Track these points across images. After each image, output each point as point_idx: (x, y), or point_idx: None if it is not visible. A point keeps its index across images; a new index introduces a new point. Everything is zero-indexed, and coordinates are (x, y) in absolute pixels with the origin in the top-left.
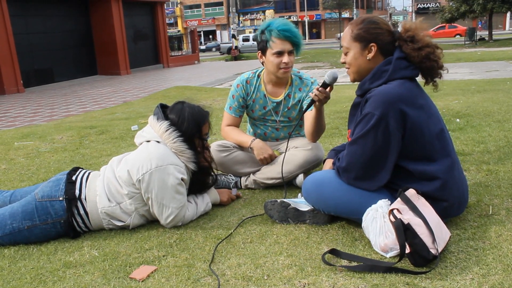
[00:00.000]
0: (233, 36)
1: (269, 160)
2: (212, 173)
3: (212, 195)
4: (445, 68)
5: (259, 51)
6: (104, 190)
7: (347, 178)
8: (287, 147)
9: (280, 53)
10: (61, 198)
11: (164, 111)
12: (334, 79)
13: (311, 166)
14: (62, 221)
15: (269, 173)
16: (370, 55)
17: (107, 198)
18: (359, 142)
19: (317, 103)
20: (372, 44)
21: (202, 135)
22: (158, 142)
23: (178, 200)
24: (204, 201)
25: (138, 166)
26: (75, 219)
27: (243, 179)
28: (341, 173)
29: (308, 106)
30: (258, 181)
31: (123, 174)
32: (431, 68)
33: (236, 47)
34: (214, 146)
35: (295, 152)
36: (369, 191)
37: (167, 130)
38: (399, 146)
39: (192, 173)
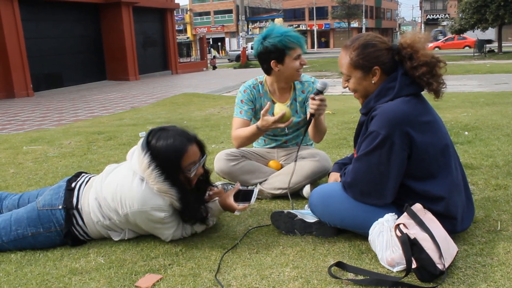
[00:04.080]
0: (212, 47)
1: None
2: (202, 208)
3: (215, 211)
4: (443, 85)
5: (274, 61)
6: (96, 204)
7: (353, 194)
8: (296, 156)
9: (299, 56)
10: (60, 207)
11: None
12: (326, 85)
13: (317, 176)
14: (62, 230)
15: (276, 183)
16: (375, 79)
17: (100, 213)
18: (363, 160)
19: (315, 115)
20: (375, 67)
21: (184, 170)
22: (142, 179)
23: (169, 227)
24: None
25: (120, 201)
26: (75, 228)
27: None
28: (347, 188)
29: (309, 120)
30: (265, 192)
31: (107, 198)
32: (427, 87)
33: (214, 56)
34: (222, 155)
35: (302, 162)
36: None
37: (149, 167)
38: (404, 164)
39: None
